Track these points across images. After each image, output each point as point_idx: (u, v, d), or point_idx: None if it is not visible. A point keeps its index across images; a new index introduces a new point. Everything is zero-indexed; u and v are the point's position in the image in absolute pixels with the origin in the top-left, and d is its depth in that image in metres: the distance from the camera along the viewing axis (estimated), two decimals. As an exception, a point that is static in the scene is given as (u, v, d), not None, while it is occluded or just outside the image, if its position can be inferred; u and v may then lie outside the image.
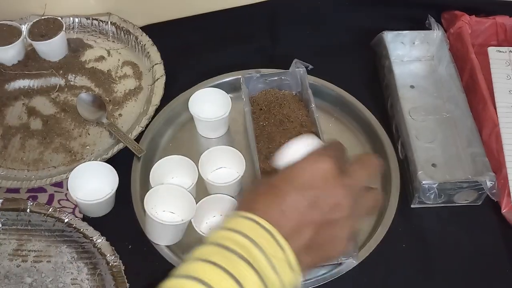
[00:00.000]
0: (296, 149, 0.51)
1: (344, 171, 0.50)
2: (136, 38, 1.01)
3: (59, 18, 0.99)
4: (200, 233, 0.74)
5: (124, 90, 0.96)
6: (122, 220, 0.79)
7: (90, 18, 1.04)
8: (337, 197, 0.48)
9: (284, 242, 0.45)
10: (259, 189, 0.50)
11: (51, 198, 0.82)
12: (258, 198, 0.48)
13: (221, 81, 0.94)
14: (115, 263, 0.73)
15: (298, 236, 0.47)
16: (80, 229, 0.76)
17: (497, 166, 0.82)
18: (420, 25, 0.98)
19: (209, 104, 0.89)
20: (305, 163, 0.49)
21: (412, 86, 0.95)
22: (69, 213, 0.78)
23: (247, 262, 0.43)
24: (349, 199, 0.49)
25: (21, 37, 0.97)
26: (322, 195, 0.48)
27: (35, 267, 0.75)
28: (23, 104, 0.94)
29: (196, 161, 0.81)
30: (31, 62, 0.99)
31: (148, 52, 0.99)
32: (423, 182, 0.77)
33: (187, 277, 0.43)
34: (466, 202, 0.82)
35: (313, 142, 0.52)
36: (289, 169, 0.50)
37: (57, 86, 0.96)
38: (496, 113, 0.86)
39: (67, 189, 0.79)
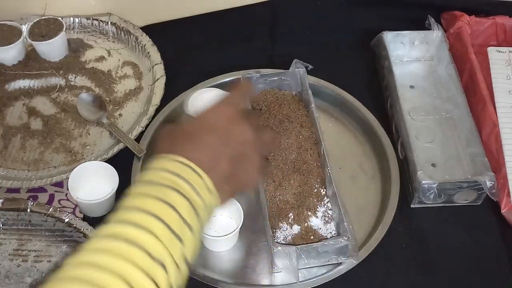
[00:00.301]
0: (204, 98, 0.61)
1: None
2: (136, 38, 1.01)
3: (60, 18, 0.99)
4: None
5: (124, 90, 0.96)
6: (122, 220, 0.79)
7: (91, 18, 1.04)
8: (243, 135, 0.58)
9: (201, 172, 0.54)
10: (176, 135, 0.58)
11: (51, 198, 0.82)
12: (177, 142, 0.57)
13: (221, 81, 0.94)
14: (115, 263, 0.73)
15: (215, 168, 0.55)
16: (81, 229, 0.76)
17: (497, 166, 0.82)
18: (419, 25, 0.98)
19: (209, 104, 0.89)
20: (212, 110, 0.60)
21: (411, 86, 0.95)
22: (70, 213, 0.78)
23: (176, 190, 0.51)
24: (253, 135, 0.59)
25: (22, 37, 0.97)
26: (231, 134, 0.58)
27: (35, 267, 0.75)
28: (23, 104, 0.94)
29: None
30: (31, 62, 0.99)
31: (148, 52, 0.99)
32: (423, 182, 0.77)
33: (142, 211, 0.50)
34: (466, 202, 0.82)
35: (218, 93, 0.62)
36: (199, 116, 0.60)
37: (58, 86, 0.96)
38: (496, 113, 0.86)
39: (68, 189, 0.80)
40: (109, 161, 0.82)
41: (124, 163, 0.83)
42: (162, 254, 0.47)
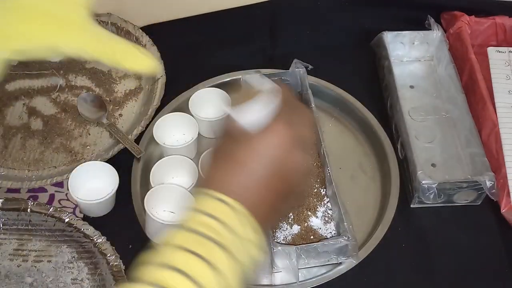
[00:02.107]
0: (257, 109, 0.52)
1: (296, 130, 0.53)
2: (136, 38, 1.01)
3: (60, 18, 0.99)
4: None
5: (125, 90, 0.96)
6: (122, 220, 0.80)
7: (90, 18, 1.04)
8: (295, 163, 0.52)
9: (246, 212, 0.48)
10: (221, 163, 0.52)
11: (51, 198, 0.82)
12: (222, 174, 0.51)
13: (221, 81, 0.94)
14: (115, 263, 0.73)
15: (262, 205, 0.50)
16: (81, 229, 0.76)
17: (497, 166, 0.82)
18: (419, 25, 0.98)
19: (209, 104, 0.89)
20: (264, 135, 0.51)
21: (411, 86, 0.95)
22: (70, 213, 0.78)
23: (217, 243, 0.46)
24: (306, 162, 0.53)
25: None
26: (282, 164, 0.51)
27: (35, 266, 0.75)
28: (23, 104, 0.94)
29: (196, 161, 0.81)
30: (31, 62, 0.99)
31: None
32: (423, 182, 0.77)
33: (169, 268, 0.44)
34: (466, 202, 0.82)
35: (271, 101, 0.53)
36: (249, 141, 0.52)
37: (58, 86, 0.96)
38: (496, 113, 0.86)
39: (68, 189, 0.80)
40: (109, 161, 0.82)
41: (124, 163, 0.83)
42: None
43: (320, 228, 0.77)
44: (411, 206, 0.82)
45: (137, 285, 0.44)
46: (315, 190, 0.80)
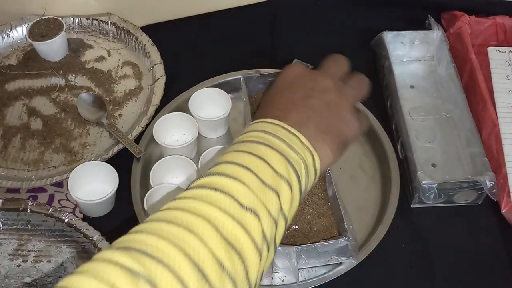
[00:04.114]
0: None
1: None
2: (136, 38, 1.01)
3: (59, 18, 0.99)
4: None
5: (124, 90, 0.96)
6: (122, 220, 0.80)
7: (90, 18, 1.04)
8: (324, 83, 0.58)
9: (292, 129, 0.53)
10: (262, 103, 0.61)
11: (51, 198, 0.82)
12: (264, 109, 0.58)
13: (221, 81, 0.94)
14: (115, 263, 0.73)
15: (307, 124, 0.54)
16: (80, 229, 0.76)
17: (497, 166, 0.82)
18: (420, 25, 0.98)
19: (209, 104, 0.89)
20: (285, 71, 0.63)
21: (411, 86, 0.95)
22: (69, 213, 0.78)
23: (267, 146, 0.50)
24: (333, 82, 0.59)
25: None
26: (312, 85, 0.58)
27: (35, 267, 0.75)
28: (23, 104, 0.94)
29: (196, 161, 0.81)
30: (31, 62, 0.99)
31: (148, 52, 0.99)
32: (423, 182, 0.77)
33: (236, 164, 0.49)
34: (466, 202, 0.82)
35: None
36: (276, 82, 0.62)
37: (57, 86, 0.96)
38: (496, 113, 0.86)
39: (67, 189, 0.80)
40: (109, 161, 0.82)
41: (124, 163, 0.83)
42: (253, 203, 0.46)
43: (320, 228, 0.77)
44: (411, 206, 0.82)
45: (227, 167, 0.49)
46: (315, 190, 0.80)
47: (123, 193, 0.80)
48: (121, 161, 0.83)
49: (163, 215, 0.45)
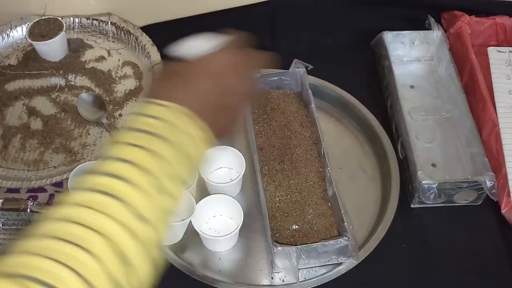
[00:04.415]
0: (200, 43, 0.60)
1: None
2: (136, 38, 1.01)
3: (60, 18, 0.99)
4: (200, 233, 0.74)
5: (124, 90, 0.96)
6: (122, 220, 0.79)
7: (90, 18, 1.04)
8: (239, 86, 0.59)
9: (190, 113, 0.52)
10: (170, 76, 0.57)
11: (51, 198, 0.82)
12: (169, 84, 0.56)
13: (221, 81, 0.94)
14: (115, 263, 0.73)
15: (206, 110, 0.54)
16: (80, 229, 0.76)
17: (497, 166, 0.82)
18: (420, 25, 0.98)
19: (210, 49, 0.88)
20: (212, 55, 0.59)
21: (412, 86, 0.95)
22: (69, 213, 0.78)
23: (159, 137, 0.49)
24: (248, 88, 0.61)
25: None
26: (227, 84, 0.57)
27: (35, 267, 0.75)
28: (23, 104, 0.94)
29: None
30: (31, 62, 0.99)
31: (148, 52, 0.99)
32: (423, 182, 0.77)
33: (118, 159, 0.48)
34: (466, 202, 0.82)
35: (215, 38, 0.60)
36: (198, 59, 0.58)
37: (57, 86, 0.96)
38: (496, 113, 0.86)
39: (67, 189, 0.79)
40: (109, 161, 0.82)
41: (124, 163, 0.83)
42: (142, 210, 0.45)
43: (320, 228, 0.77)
44: (411, 206, 0.82)
45: (105, 161, 0.48)
46: (315, 190, 0.80)
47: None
48: (121, 161, 0.83)
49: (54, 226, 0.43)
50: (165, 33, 1.04)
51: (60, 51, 1.00)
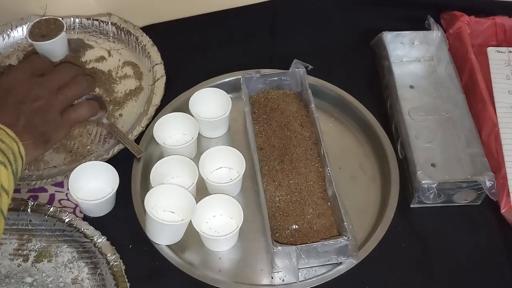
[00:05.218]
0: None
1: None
2: (137, 38, 1.01)
3: (60, 18, 0.99)
4: (200, 232, 0.75)
5: (125, 90, 0.96)
6: (122, 220, 0.80)
7: (91, 19, 1.04)
8: (36, 91, 0.69)
9: (1, 126, 0.62)
10: None
11: (51, 198, 0.82)
12: None
13: (221, 81, 0.94)
14: (115, 263, 0.73)
15: (14, 122, 0.65)
16: (81, 229, 0.76)
17: (496, 166, 0.82)
18: (419, 25, 0.98)
19: (209, 104, 0.89)
20: (12, 71, 0.71)
21: (411, 87, 0.95)
22: (70, 213, 0.78)
23: None
24: (46, 92, 0.70)
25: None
26: (24, 94, 0.68)
27: (35, 266, 0.75)
28: (23, 104, 0.94)
29: (196, 161, 0.81)
30: (31, 62, 0.99)
31: (148, 53, 0.99)
32: (423, 182, 0.78)
33: None
34: (466, 202, 0.82)
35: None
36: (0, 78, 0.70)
37: (58, 86, 0.96)
38: (496, 113, 0.86)
39: (68, 189, 0.80)
40: (109, 161, 0.82)
41: (124, 163, 0.83)
42: None
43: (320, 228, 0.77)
44: (411, 206, 0.82)
45: None
46: (315, 190, 0.80)
47: (123, 193, 0.80)
48: (122, 161, 0.84)
49: None
50: (165, 33, 1.04)
51: (61, 51, 1.00)
